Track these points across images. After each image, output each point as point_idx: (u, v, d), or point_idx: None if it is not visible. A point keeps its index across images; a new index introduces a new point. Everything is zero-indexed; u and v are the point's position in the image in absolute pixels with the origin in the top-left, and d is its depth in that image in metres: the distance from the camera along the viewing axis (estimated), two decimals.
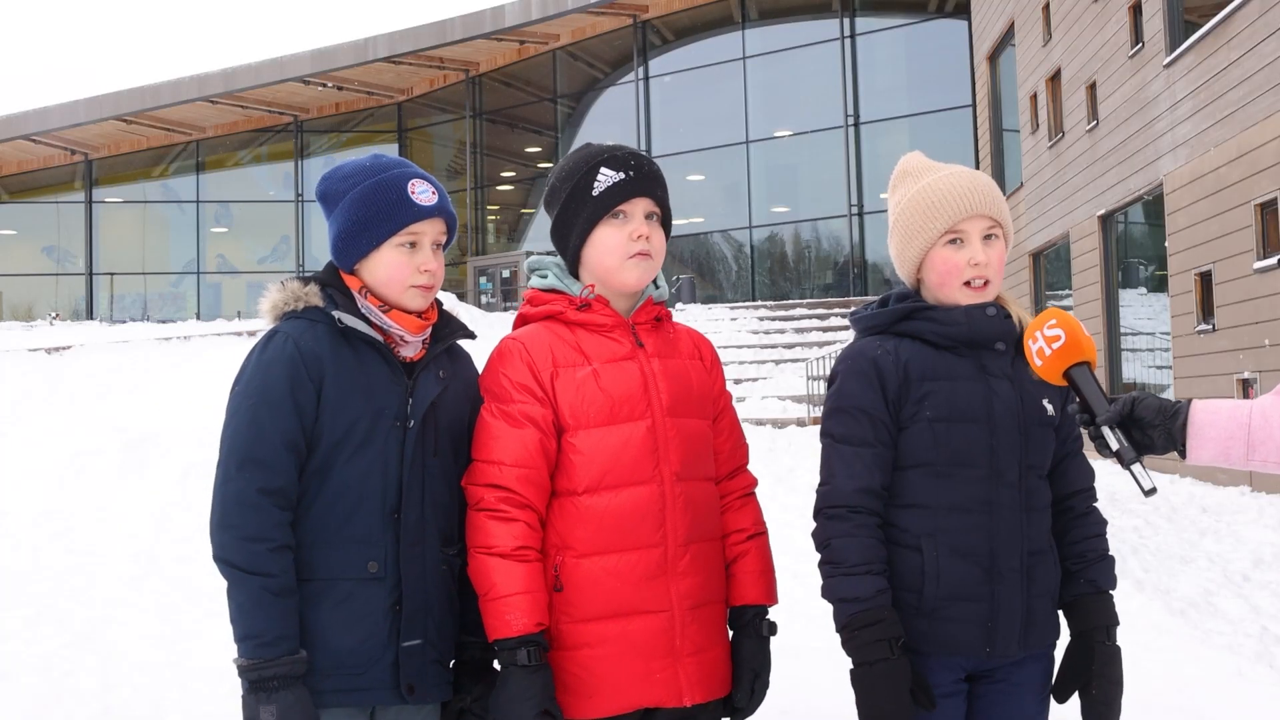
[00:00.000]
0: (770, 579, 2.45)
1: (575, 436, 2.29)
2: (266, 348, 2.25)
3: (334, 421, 2.22)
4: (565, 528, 2.29)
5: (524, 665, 2.17)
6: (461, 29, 30.25)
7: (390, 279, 2.29)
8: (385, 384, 2.27)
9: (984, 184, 2.32)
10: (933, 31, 27.22)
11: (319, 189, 2.39)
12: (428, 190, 2.32)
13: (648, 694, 2.27)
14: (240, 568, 2.11)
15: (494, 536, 2.24)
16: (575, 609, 2.27)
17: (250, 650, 2.09)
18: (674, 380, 2.37)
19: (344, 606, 2.20)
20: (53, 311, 34.24)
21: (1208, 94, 12.10)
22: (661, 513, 2.29)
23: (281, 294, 2.32)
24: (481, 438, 2.31)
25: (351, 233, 2.29)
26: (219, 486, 2.18)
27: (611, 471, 2.28)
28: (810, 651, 4.59)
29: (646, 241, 2.36)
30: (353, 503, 2.22)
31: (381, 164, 2.36)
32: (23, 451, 10.10)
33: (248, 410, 2.19)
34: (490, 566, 2.23)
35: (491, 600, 2.22)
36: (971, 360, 2.28)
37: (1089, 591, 2.33)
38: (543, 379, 2.30)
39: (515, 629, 2.19)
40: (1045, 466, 2.33)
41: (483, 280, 32.87)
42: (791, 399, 18.28)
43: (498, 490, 2.26)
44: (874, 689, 2.15)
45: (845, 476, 2.25)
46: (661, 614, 2.28)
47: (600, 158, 2.39)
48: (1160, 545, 8.16)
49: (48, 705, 4.69)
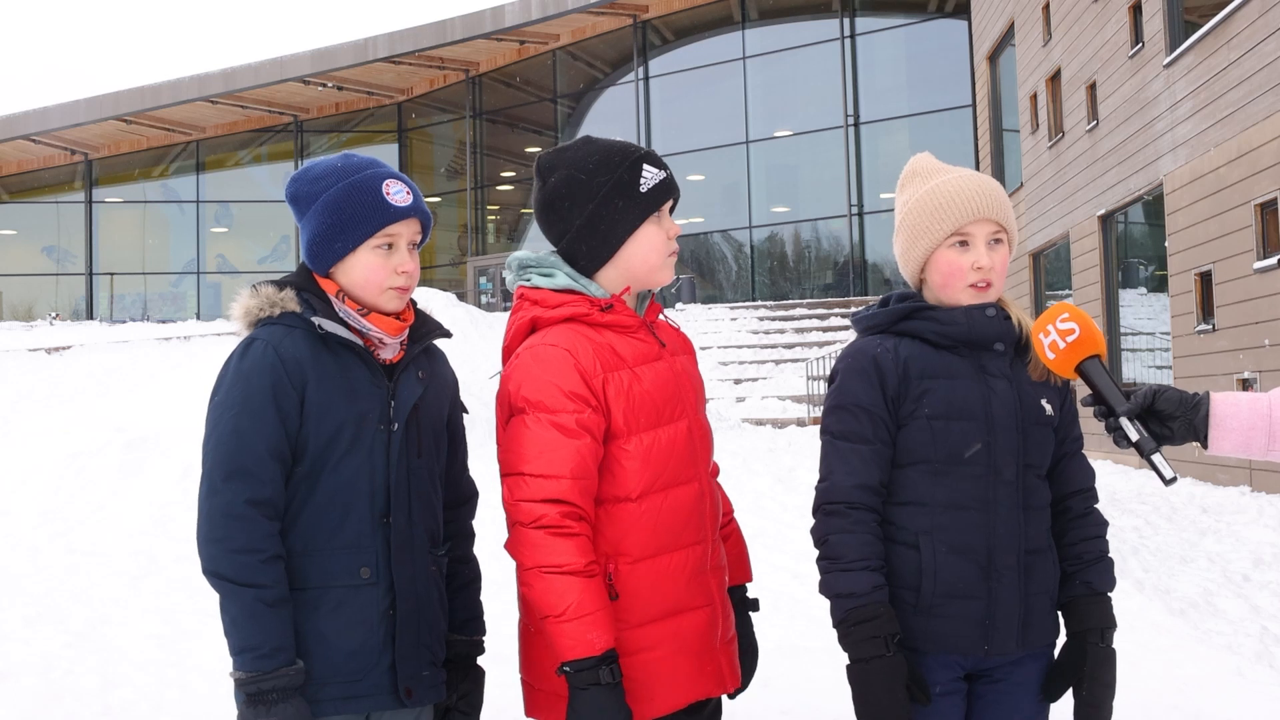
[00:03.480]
0: (748, 558, 2.57)
1: (629, 442, 2.24)
2: (245, 356, 2.19)
3: (319, 428, 2.18)
4: (617, 535, 2.24)
5: (609, 684, 2.10)
6: (461, 29, 30.26)
7: (367, 281, 2.24)
8: (367, 387, 2.23)
9: (992, 188, 2.33)
10: (933, 31, 27.22)
11: (289, 191, 2.32)
12: (402, 190, 2.27)
13: (701, 687, 2.29)
14: (232, 580, 2.08)
15: (563, 554, 2.14)
16: (630, 615, 2.23)
17: (247, 663, 2.06)
18: (692, 377, 2.42)
19: (338, 614, 2.17)
20: (53, 311, 34.25)
21: (1208, 94, 12.10)
22: (702, 509, 2.33)
23: (255, 299, 2.27)
24: (528, 450, 2.18)
25: (327, 236, 2.24)
26: (205, 499, 2.14)
27: (663, 474, 2.27)
28: (811, 651, 4.59)
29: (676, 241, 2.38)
30: (341, 509, 2.20)
31: (354, 164, 2.30)
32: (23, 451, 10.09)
33: (230, 420, 2.15)
34: (564, 585, 2.12)
35: (567, 621, 2.11)
36: (971, 360, 2.30)
37: (1084, 593, 2.33)
38: (595, 386, 2.22)
39: (599, 647, 2.10)
40: (1044, 466, 2.34)
41: (483, 280, 32.88)
42: (791, 399, 18.28)
43: (559, 505, 2.16)
44: (869, 685, 2.16)
45: (844, 473, 2.26)
46: (707, 608, 2.31)
47: (638, 154, 2.35)
48: (1160, 545, 8.16)
49: (48, 705, 4.69)
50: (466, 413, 2.50)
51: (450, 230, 34.70)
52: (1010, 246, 2.37)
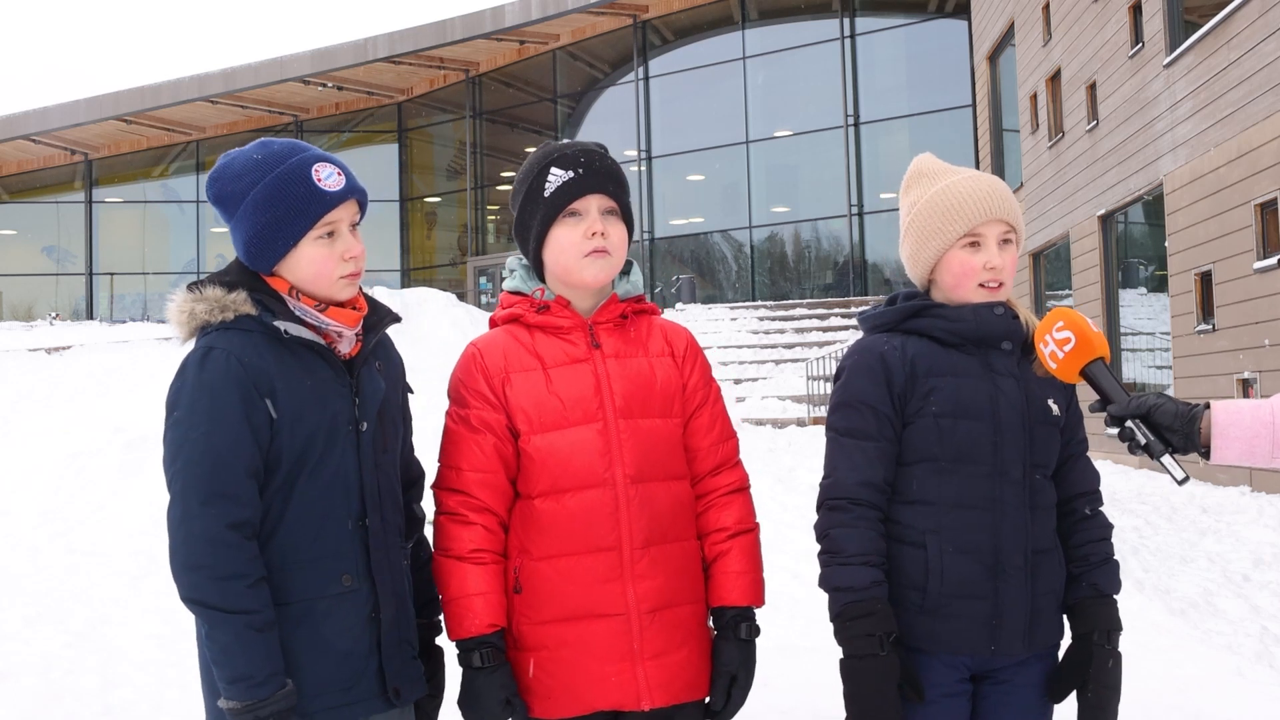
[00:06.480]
0: (752, 579, 2.39)
1: (529, 441, 2.30)
2: (204, 366, 2.06)
3: (292, 438, 2.09)
4: (523, 531, 2.31)
5: (478, 667, 2.24)
6: (461, 29, 30.24)
7: (318, 275, 2.14)
8: (333, 388, 2.15)
9: (1002, 189, 2.35)
10: (933, 31, 27.21)
11: (211, 192, 2.17)
12: (333, 173, 2.14)
13: (604, 697, 2.27)
14: (219, 608, 1.99)
15: (452, 539, 2.30)
16: (534, 611, 2.29)
17: (242, 693, 1.99)
18: (630, 381, 2.33)
19: (325, 624, 2.13)
20: (53, 311, 34.23)
21: (1208, 94, 12.10)
22: (615, 515, 2.28)
23: (202, 303, 2.14)
24: (444, 443, 2.36)
25: (264, 235, 2.11)
26: (178, 524, 2.03)
27: (564, 475, 2.28)
28: (811, 652, 4.58)
29: (603, 238, 2.32)
30: (319, 518, 2.12)
31: (275, 154, 2.15)
32: (23, 451, 10.09)
33: (201, 440, 2.03)
34: (448, 569, 2.29)
35: (448, 602, 2.28)
36: (978, 358, 2.30)
37: (1091, 595, 2.32)
38: (495, 385, 2.31)
39: (468, 630, 2.25)
40: (1050, 466, 2.34)
41: (483, 280, 32.87)
42: (791, 399, 18.28)
43: (456, 494, 2.31)
44: (860, 683, 2.17)
45: (847, 469, 2.27)
46: (618, 617, 2.27)
47: (550, 158, 2.36)
48: (1160, 545, 8.16)
49: (48, 705, 4.69)
50: (412, 393, 2.45)
51: (450, 230, 34.68)
52: (1019, 246, 2.38)
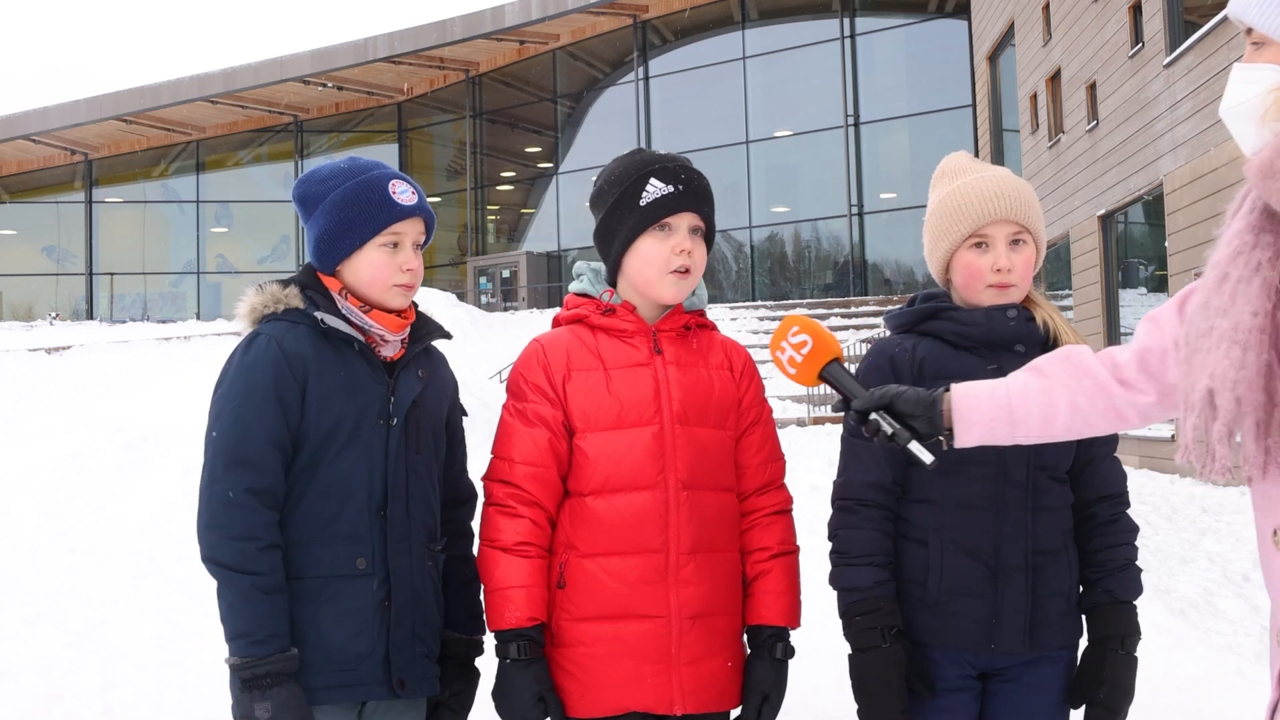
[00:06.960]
0: (791, 600, 2.40)
1: (584, 439, 2.34)
2: (249, 350, 2.26)
3: (319, 420, 2.23)
4: (571, 527, 2.34)
5: (514, 659, 2.26)
6: (461, 29, 30.26)
7: (374, 279, 2.30)
8: (367, 383, 2.29)
9: (1012, 189, 2.34)
10: (933, 31, 27.23)
11: (297, 192, 2.39)
12: (408, 190, 2.34)
13: (638, 698, 2.28)
14: (230, 567, 2.12)
15: (498, 530, 2.32)
16: (574, 607, 2.31)
17: (242, 648, 2.10)
18: (689, 389, 2.37)
19: (334, 603, 2.21)
20: (53, 311, 34.26)
21: (1208, 94, 12.10)
22: (664, 518, 2.30)
23: (260, 297, 2.34)
24: (499, 435, 2.39)
25: (334, 234, 2.31)
26: (206, 488, 2.19)
27: (615, 475, 2.31)
28: (813, 652, 4.58)
29: (688, 257, 2.36)
30: (339, 500, 2.24)
31: (360, 165, 2.37)
32: (22, 451, 10.09)
33: (232, 412, 2.20)
34: (492, 559, 2.31)
35: (490, 592, 2.30)
36: (990, 361, 2.30)
37: (1106, 601, 2.33)
38: (555, 381, 2.35)
39: (508, 621, 2.27)
40: (1059, 468, 2.33)
41: (483, 280, 32.86)
42: (791, 399, 18.28)
43: (506, 486, 2.33)
44: (866, 673, 2.23)
45: (857, 470, 2.32)
46: (658, 619, 2.29)
47: (651, 167, 2.38)
48: (1160, 545, 8.16)
49: (48, 705, 4.69)
50: (466, 415, 2.53)
51: (450, 230, 34.68)
52: (1038, 246, 2.38)
